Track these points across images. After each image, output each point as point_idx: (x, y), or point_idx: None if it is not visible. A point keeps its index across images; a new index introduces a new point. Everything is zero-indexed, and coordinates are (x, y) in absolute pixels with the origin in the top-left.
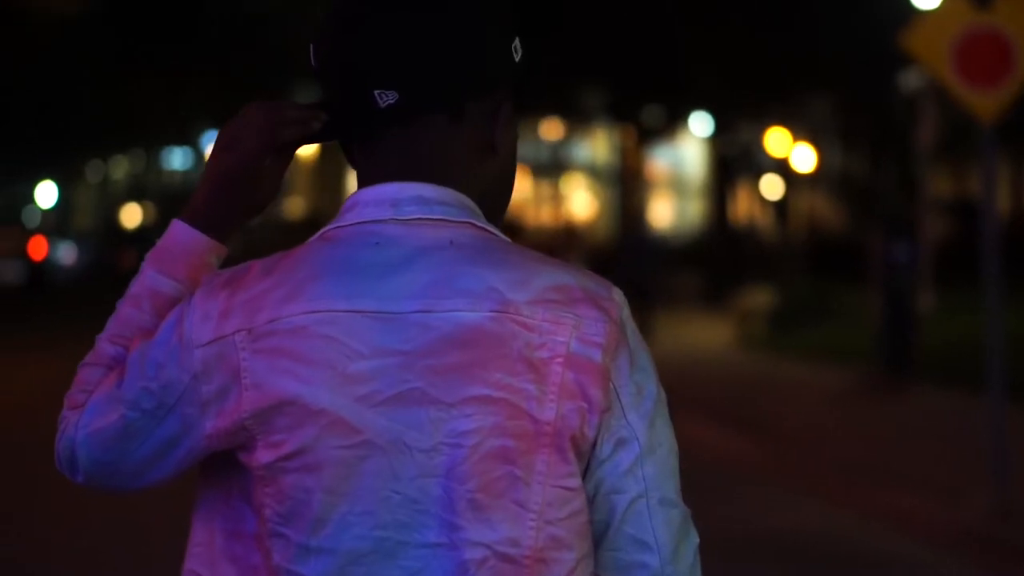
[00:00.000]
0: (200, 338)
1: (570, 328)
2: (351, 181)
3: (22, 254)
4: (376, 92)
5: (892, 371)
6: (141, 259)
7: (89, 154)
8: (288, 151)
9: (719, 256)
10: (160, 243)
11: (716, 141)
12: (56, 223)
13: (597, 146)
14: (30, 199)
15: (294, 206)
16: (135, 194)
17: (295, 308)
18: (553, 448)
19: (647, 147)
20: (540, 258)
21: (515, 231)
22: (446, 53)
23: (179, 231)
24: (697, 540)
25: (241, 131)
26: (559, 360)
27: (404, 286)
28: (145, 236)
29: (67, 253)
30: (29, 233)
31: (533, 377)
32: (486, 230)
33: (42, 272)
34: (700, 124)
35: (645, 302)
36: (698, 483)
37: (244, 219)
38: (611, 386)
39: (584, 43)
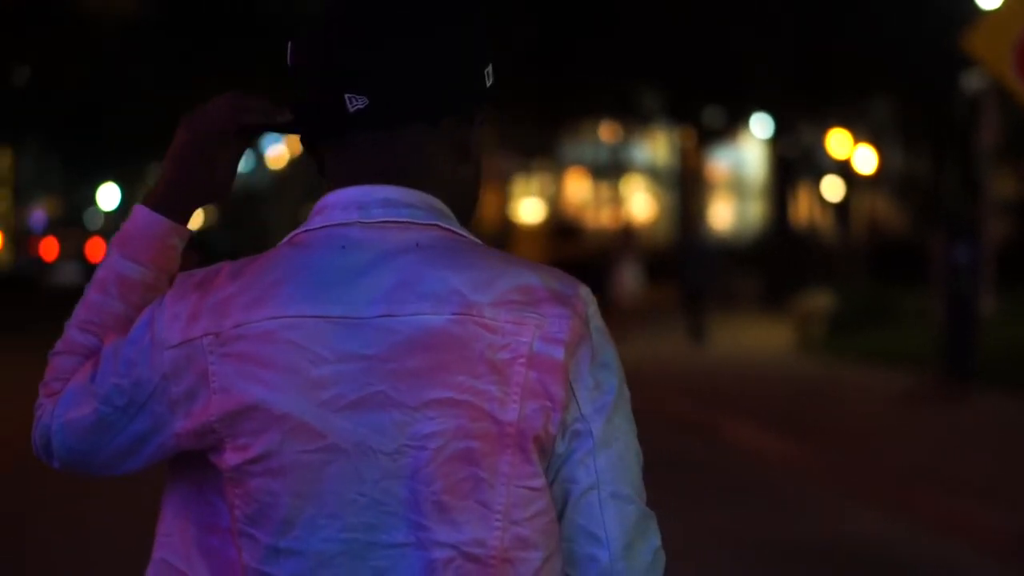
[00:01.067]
0: (170, 339)
1: (533, 328)
2: None
3: (80, 256)
4: (347, 96)
5: (953, 375)
6: (202, 262)
7: (150, 156)
8: (244, 138)
9: (779, 258)
10: (123, 227)
11: (777, 143)
12: (118, 225)
13: (657, 148)
14: (92, 201)
15: None
16: None
17: (261, 313)
18: (516, 449)
19: (707, 149)
20: (507, 259)
21: (573, 233)
22: (421, 69)
23: (141, 215)
24: (658, 543)
25: (202, 113)
26: (521, 361)
27: (368, 290)
28: (207, 239)
29: None
30: (89, 235)
31: (495, 379)
32: (454, 232)
33: None
34: (760, 126)
35: (699, 305)
36: (756, 487)
37: (203, 201)
38: (568, 381)
39: (643, 45)
